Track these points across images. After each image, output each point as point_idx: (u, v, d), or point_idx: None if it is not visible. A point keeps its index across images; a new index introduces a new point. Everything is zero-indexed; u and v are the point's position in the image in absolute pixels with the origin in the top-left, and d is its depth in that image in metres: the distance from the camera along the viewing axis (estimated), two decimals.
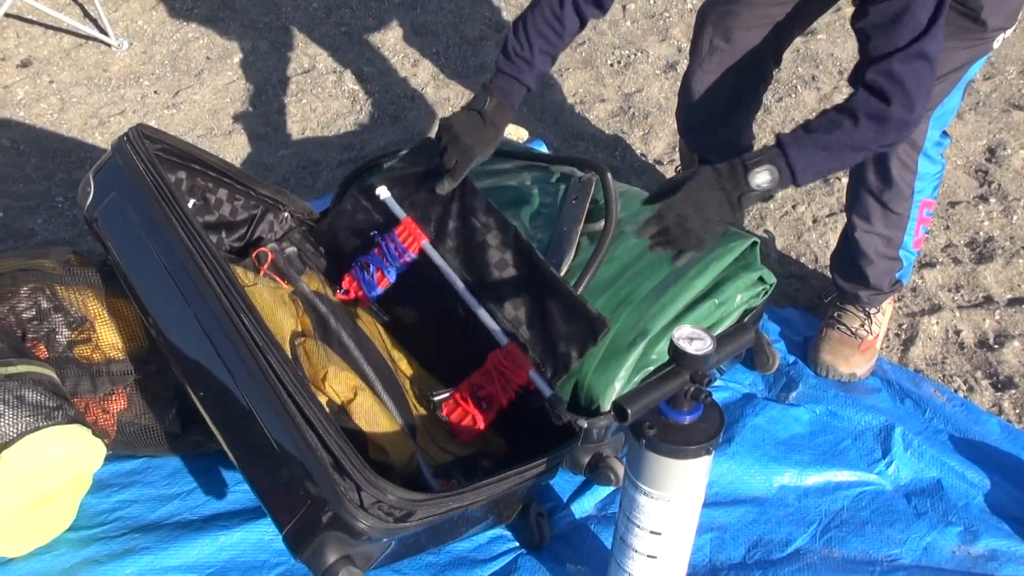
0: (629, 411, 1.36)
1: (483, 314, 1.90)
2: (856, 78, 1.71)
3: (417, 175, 2.08)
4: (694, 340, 1.42)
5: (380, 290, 2.04)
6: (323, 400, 1.75)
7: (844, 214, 2.78)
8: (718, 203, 1.69)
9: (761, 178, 1.67)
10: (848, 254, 2.25)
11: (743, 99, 2.47)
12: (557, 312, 1.84)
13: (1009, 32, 1.92)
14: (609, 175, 2.12)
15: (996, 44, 1.93)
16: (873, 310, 2.31)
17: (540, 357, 1.83)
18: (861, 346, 2.28)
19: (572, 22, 1.92)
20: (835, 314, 2.31)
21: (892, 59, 1.63)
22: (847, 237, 2.24)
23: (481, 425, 1.87)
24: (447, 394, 1.91)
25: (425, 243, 2.00)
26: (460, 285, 1.95)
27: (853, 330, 2.28)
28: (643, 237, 1.73)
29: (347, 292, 2.07)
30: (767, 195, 1.74)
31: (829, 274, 2.39)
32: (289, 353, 1.82)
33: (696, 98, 2.43)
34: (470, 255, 1.97)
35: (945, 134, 2.10)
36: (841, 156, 1.71)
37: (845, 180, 2.88)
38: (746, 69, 2.35)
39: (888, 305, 2.36)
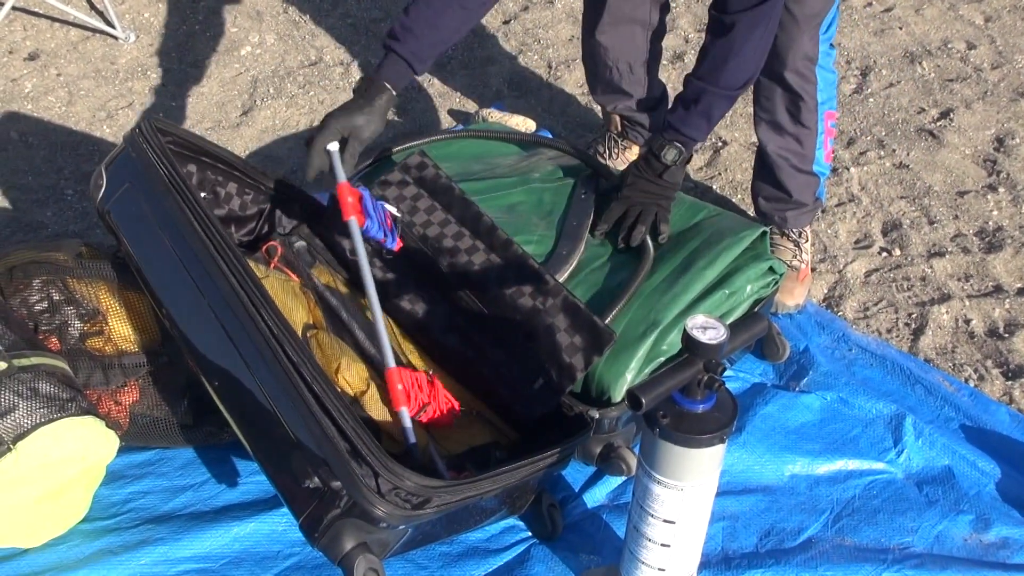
0: (643, 400, 1.37)
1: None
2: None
3: (413, 189, 2.08)
4: (708, 329, 1.42)
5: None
6: None
7: (852, 202, 2.79)
8: (651, 185, 2.05)
9: (671, 155, 2.02)
10: (767, 173, 2.41)
11: (639, 52, 2.56)
12: (563, 323, 1.84)
13: None
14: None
15: None
16: (801, 238, 2.45)
17: (543, 368, 1.83)
18: (799, 276, 2.41)
19: None
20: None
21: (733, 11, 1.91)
22: (763, 158, 2.39)
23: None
24: None
25: (352, 219, 1.88)
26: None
27: (788, 262, 2.39)
28: (607, 229, 2.06)
29: None
30: (685, 160, 2.05)
31: (753, 209, 2.54)
32: None
33: (595, 60, 2.57)
34: (470, 269, 1.96)
35: (832, 46, 2.27)
36: (719, 107, 2.01)
37: (854, 170, 2.89)
38: (631, 21, 2.48)
39: (809, 231, 2.50)
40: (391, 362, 1.78)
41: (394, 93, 1.95)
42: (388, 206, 1.99)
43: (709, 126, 2.04)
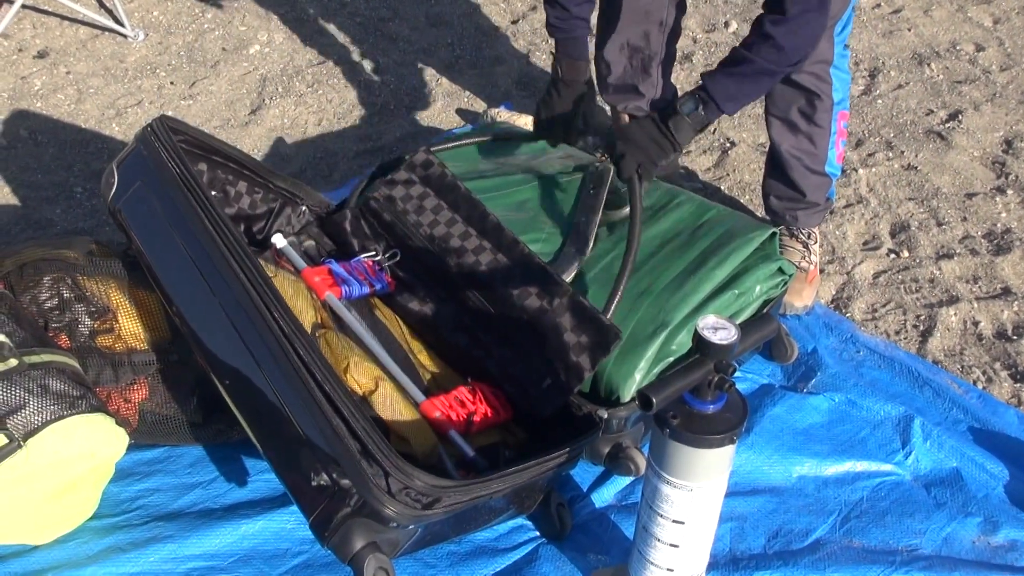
0: (654, 400, 1.37)
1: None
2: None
3: (418, 189, 2.09)
4: (718, 330, 1.42)
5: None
6: None
7: (860, 203, 2.79)
8: (653, 127, 2.04)
9: (687, 106, 2.00)
10: (779, 173, 2.40)
11: (654, 52, 2.54)
12: (569, 322, 1.83)
13: None
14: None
15: None
16: (810, 239, 2.45)
17: (551, 367, 1.83)
18: (808, 278, 2.41)
19: None
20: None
21: None
22: (775, 158, 2.39)
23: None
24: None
25: (328, 294, 1.96)
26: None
27: (797, 264, 2.39)
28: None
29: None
30: (699, 122, 2.02)
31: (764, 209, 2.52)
32: None
33: (609, 59, 2.55)
34: (476, 268, 1.96)
35: (846, 47, 2.28)
36: (755, 81, 2.01)
37: (862, 171, 2.89)
38: (647, 20, 2.46)
39: (817, 232, 2.49)
40: (420, 397, 1.80)
41: (588, 63, 2.27)
42: (363, 257, 2.05)
43: (738, 97, 2.01)
